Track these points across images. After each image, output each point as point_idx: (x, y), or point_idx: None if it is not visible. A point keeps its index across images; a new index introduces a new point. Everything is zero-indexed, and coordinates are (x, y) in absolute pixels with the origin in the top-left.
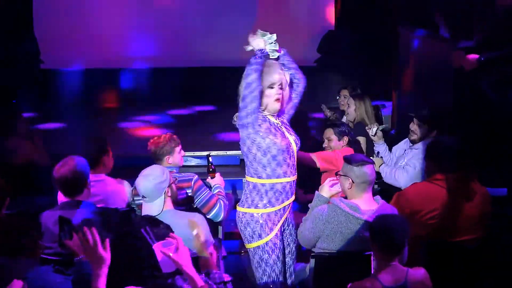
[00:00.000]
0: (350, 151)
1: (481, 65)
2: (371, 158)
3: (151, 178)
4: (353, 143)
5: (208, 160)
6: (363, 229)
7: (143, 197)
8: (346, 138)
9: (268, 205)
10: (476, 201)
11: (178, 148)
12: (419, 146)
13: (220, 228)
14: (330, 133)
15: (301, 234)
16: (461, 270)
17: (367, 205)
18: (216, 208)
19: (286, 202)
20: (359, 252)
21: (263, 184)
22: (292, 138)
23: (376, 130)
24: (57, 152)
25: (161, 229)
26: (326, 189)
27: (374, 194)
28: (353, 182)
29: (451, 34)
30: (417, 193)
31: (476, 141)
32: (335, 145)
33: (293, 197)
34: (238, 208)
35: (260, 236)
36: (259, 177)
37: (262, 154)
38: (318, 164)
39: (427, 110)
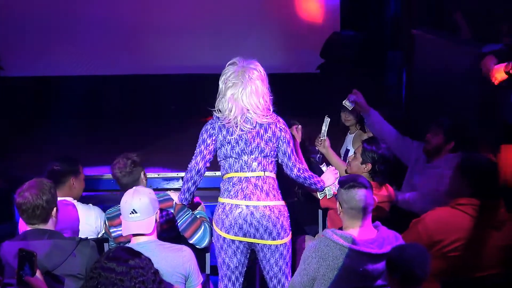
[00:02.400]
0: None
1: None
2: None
3: (148, 192)
4: (380, 176)
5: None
6: (363, 263)
7: (134, 212)
8: (369, 166)
9: None
10: (505, 231)
11: (142, 172)
12: (439, 164)
13: (207, 261)
14: (359, 148)
15: (293, 284)
16: None
17: (364, 234)
18: (200, 231)
19: None
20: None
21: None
22: None
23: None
24: (17, 173)
25: (141, 261)
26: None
27: None
28: (341, 207)
29: (474, 37)
30: (438, 221)
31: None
32: (354, 167)
33: None
34: (279, 202)
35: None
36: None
37: None
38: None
39: (445, 118)
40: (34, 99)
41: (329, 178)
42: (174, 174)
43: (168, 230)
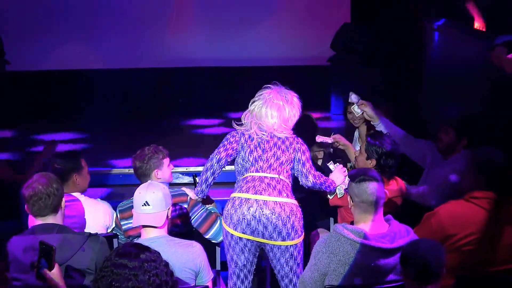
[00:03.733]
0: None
1: None
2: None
3: (162, 187)
4: (386, 170)
5: (195, 180)
6: (374, 257)
7: (146, 204)
8: (374, 162)
9: None
10: None
11: (166, 161)
12: (455, 160)
13: (217, 257)
14: (363, 144)
15: (302, 279)
16: None
17: (375, 228)
18: (216, 226)
19: None
20: (379, 283)
21: None
22: None
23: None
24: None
25: (152, 254)
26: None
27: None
28: (352, 201)
29: (486, 28)
30: (451, 214)
31: None
32: (361, 163)
33: None
34: (291, 201)
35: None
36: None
37: None
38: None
39: (456, 114)
40: (42, 94)
41: (339, 177)
42: (183, 169)
43: (180, 225)
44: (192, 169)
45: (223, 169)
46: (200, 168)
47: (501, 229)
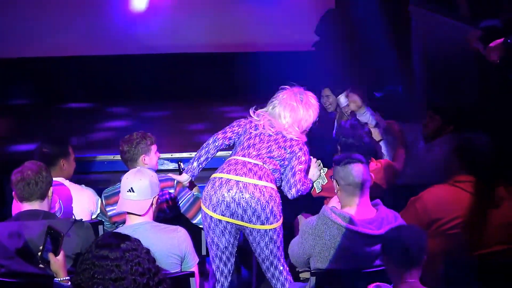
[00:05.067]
0: None
1: (509, 51)
2: None
3: (150, 175)
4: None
5: (180, 167)
6: (361, 243)
7: (131, 190)
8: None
9: None
10: (505, 207)
11: (154, 147)
12: (436, 143)
13: (203, 242)
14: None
15: (291, 249)
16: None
17: (363, 213)
18: None
19: None
20: (364, 268)
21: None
22: None
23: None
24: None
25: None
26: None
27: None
28: (338, 184)
29: (472, 13)
30: (436, 199)
31: (502, 141)
32: None
33: None
34: (271, 185)
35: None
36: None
37: None
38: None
39: (442, 100)
40: (30, 81)
41: (315, 173)
42: (168, 155)
43: (166, 211)
44: (177, 155)
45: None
46: (185, 154)
47: (486, 211)
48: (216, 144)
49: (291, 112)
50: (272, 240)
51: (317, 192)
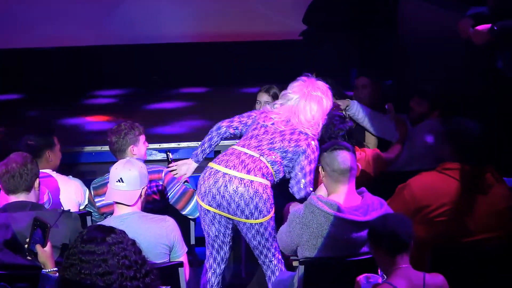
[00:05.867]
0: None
1: (495, 37)
2: None
3: (139, 166)
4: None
5: (168, 158)
6: (348, 230)
7: (120, 180)
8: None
9: None
10: (493, 195)
11: (142, 137)
12: (426, 125)
13: (191, 232)
14: None
15: (279, 236)
16: (477, 275)
17: (349, 200)
18: (193, 201)
19: None
20: (351, 255)
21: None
22: None
23: None
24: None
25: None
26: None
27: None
28: (324, 170)
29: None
30: (424, 186)
31: (490, 127)
32: None
33: None
34: (259, 180)
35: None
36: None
37: None
38: None
39: (429, 86)
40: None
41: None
42: (156, 145)
43: (154, 202)
44: (165, 145)
45: None
46: (174, 144)
47: (474, 199)
48: (220, 131)
49: (318, 104)
50: (258, 233)
51: None
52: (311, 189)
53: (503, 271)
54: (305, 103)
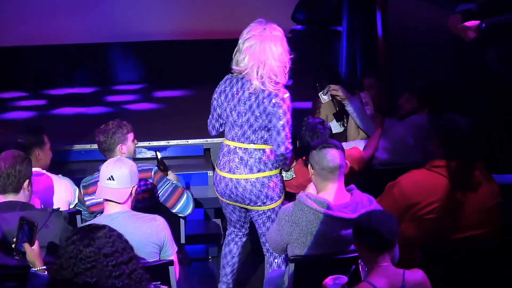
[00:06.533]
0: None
1: (484, 34)
2: None
3: (130, 164)
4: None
5: (157, 156)
6: (337, 228)
7: (111, 178)
8: (299, 160)
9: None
10: (482, 191)
11: (131, 136)
12: (413, 119)
13: (181, 230)
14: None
15: (269, 235)
16: (467, 271)
17: (338, 198)
18: (183, 199)
19: None
20: (341, 253)
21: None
22: None
23: (326, 91)
24: None
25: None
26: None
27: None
28: (313, 168)
29: None
30: (413, 183)
31: (479, 123)
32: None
33: None
34: (262, 174)
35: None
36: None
37: None
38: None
39: (418, 82)
40: None
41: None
42: (146, 143)
43: (145, 201)
44: (155, 143)
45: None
46: (163, 143)
47: (463, 196)
48: (214, 133)
49: (282, 45)
50: (269, 219)
51: (286, 179)
52: (288, 144)
53: (493, 267)
54: (270, 45)
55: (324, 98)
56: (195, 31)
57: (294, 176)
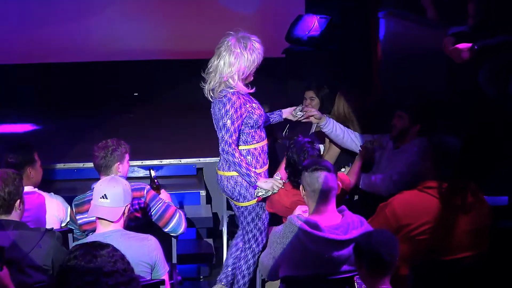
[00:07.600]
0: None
1: (476, 55)
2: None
3: (124, 183)
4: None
5: (151, 175)
6: (328, 249)
7: (104, 197)
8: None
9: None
10: (474, 213)
11: (127, 156)
12: (406, 148)
13: (173, 250)
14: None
15: (261, 261)
16: None
17: (329, 219)
18: (175, 218)
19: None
20: (332, 273)
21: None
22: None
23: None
24: None
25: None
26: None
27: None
28: (304, 190)
29: (440, 19)
30: (405, 204)
31: (471, 143)
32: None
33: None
34: (233, 173)
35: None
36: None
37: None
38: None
39: (410, 99)
40: None
41: (267, 185)
42: (138, 163)
43: (136, 219)
44: (148, 162)
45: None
46: (156, 162)
47: (455, 217)
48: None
49: (235, 59)
50: (242, 215)
51: (257, 195)
52: (224, 145)
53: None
54: (226, 57)
55: (298, 114)
56: (189, 51)
57: (266, 194)
